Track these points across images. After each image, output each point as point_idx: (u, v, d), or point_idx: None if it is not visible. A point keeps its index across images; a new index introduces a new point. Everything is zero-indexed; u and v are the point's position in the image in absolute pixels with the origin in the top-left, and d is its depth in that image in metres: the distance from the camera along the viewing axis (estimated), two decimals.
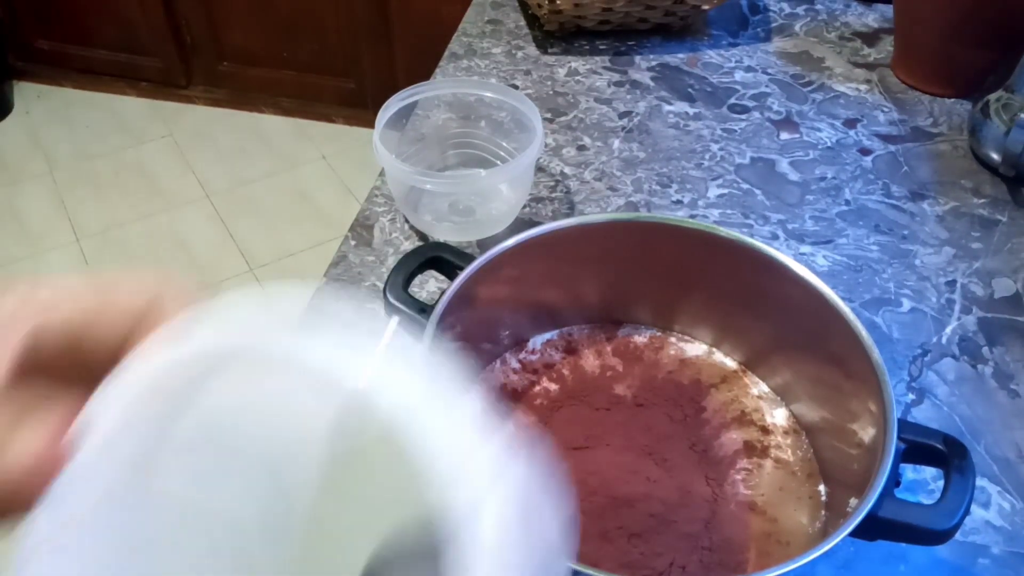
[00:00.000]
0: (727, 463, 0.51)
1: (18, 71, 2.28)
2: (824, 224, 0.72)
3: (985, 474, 0.54)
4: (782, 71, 0.90)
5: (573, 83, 0.87)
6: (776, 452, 0.52)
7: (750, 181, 0.76)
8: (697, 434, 0.52)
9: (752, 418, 0.54)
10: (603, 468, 0.50)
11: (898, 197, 0.75)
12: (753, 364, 0.56)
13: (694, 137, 0.81)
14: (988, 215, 0.74)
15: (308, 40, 2.05)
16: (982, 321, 0.64)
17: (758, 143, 0.80)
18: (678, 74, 0.89)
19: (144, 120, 2.23)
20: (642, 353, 0.57)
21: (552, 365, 0.56)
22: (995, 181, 0.77)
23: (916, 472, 0.54)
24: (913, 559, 0.50)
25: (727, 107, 0.85)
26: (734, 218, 0.72)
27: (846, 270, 0.68)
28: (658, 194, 0.74)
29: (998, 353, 0.62)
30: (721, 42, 0.94)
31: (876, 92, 0.87)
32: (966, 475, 0.42)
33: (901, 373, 0.60)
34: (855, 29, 0.97)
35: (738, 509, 0.49)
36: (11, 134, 2.19)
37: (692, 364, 0.57)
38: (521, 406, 0.53)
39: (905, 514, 0.40)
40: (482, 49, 0.91)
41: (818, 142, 0.81)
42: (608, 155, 0.78)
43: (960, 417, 0.58)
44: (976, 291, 0.67)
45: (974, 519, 0.52)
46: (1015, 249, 0.70)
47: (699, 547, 0.47)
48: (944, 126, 0.83)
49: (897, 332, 0.63)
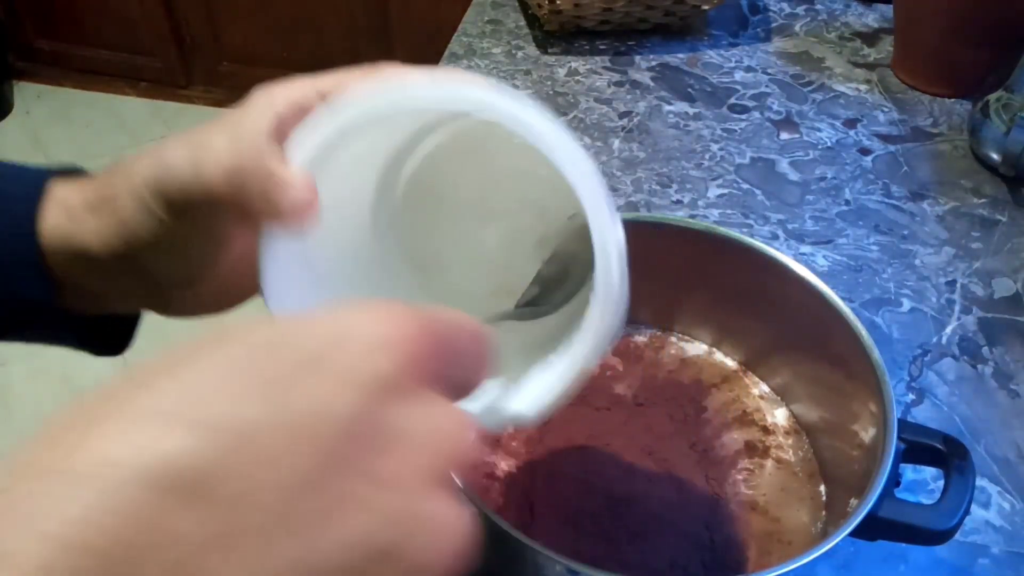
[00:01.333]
0: (728, 463, 0.51)
1: (18, 71, 2.28)
2: (824, 224, 0.72)
3: (985, 474, 0.54)
4: (782, 71, 0.90)
5: (573, 83, 0.87)
6: (777, 452, 0.52)
7: (750, 181, 0.76)
8: (698, 434, 0.52)
9: (753, 418, 0.54)
10: (603, 468, 0.50)
11: (898, 197, 0.75)
12: (753, 364, 0.56)
13: (694, 137, 0.81)
14: (988, 215, 0.74)
15: (308, 40, 2.05)
16: (982, 321, 0.64)
17: (758, 143, 0.80)
18: (678, 74, 0.89)
19: (144, 120, 2.23)
20: (642, 353, 0.57)
21: None
22: (995, 181, 0.77)
23: (916, 472, 0.54)
24: (913, 559, 0.50)
25: (727, 107, 0.85)
26: (734, 218, 0.72)
27: (846, 270, 0.68)
28: (658, 194, 0.74)
29: (998, 353, 0.62)
30: (721, 42, 0.94)
31: (876, 92, 0.87)
32: (966, 475, 0.42)
33: (901, 373, 0.60)
34: (855, 29, 0.97)
35: (739, 509, 0.49)
36: (11, 134, 2.19)
37: (693, 364, 0.57)
38: None
39: (905, 514, 0.40)
40: (482, 49, 0.91)
41: (818, 142, 0.81)
42: (608, 155, 0.78)
43: (960, 417, 0.58)
44: (976, 291, 0.67)
45: (974, 519, 0.52)
46: (1015, 249, 0.70)
47: (699, 547, 0.47)
48: (944, 126, 0.83)
49: (897, 332, 0.63)
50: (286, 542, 0.17)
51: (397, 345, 0.19)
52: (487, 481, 0.49)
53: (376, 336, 0.19)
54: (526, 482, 0.49)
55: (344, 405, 0.18)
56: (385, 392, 0.19)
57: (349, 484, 0.18)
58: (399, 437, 0.19)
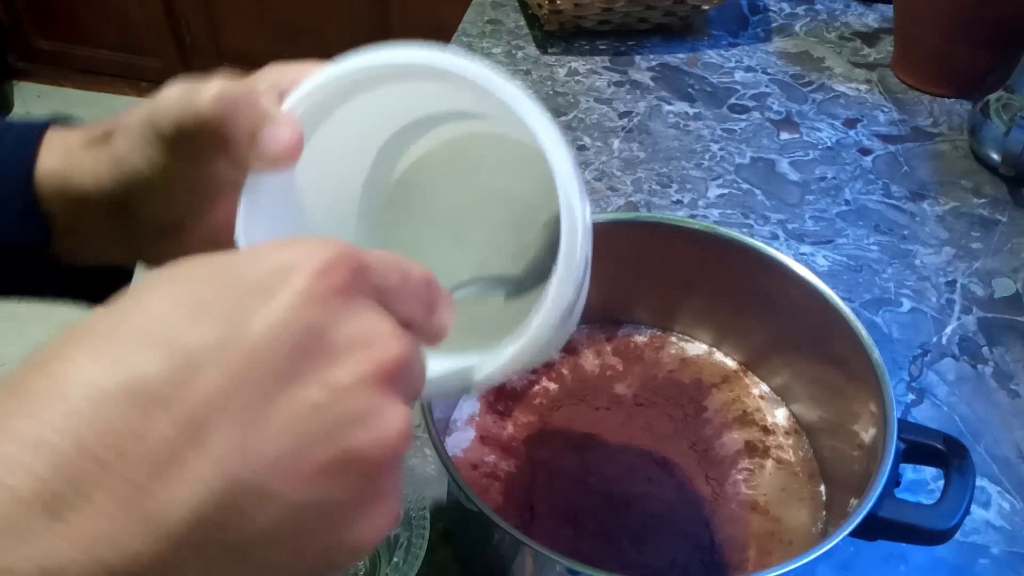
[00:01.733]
0: (728, 463, 0.51)
1: (18, 71, 2.28)
2: (824, 224, 0.72)
3: (985, 474, 0.54)
4: (782, 71, 0.90)
5: (573, 83, 0.87)
6: (777, 452, 0.52)
7: (750, 181, 0.76)
8: (698, 434, 0.52)
9: (754, 418, 0.54)
10: (603, 468, 0.50)
11: (898, 197, 0.75)
12: (753, 364, 0.56)
13: (694, 137, 0.81)
14: (988, 215, 0.74)
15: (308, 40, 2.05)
16: (982, 321, 0.64)
17: (758, 143, 0.80)
18: (678, 74, 0.89)
19: None
20: (642, 352, 0.57)
21: (551, 364, 0.56)
22: (995, 181, 0.77)
23: (916, 472, 0.54)
24: (913, 559, 0.50)
25: (727, 107, 0.85)
26: (734, 218, 0.72)
27: (846, 270, 0.68)
28: (658, 194, 0.74)
29: (998, 353, 0.62)
30: (721, 42, 0.94)
31: (876, 92, 0.87)
32: (966, 475, 0.42)
33: (901, 373, 0.60)
34: (855, 29, 0.97)
35: (739, 509, 0.49)
36: None
37: (693, 363, 0.57)
38: (520, 406, 0.53)
39: (905, 514, 0.40)
40: (482, 49, 0.91)
41: (818, 142, 0.81)
42: (608, 155, 0.78)
43: (960, 417, 0.58)
44: (976, 291, 0.67)
45: (974, 519, 0.52)
46: (1015, 249, 0.70)
47: (699, 547, 0.47)
48: (944, 126, 0.83)
49: (897, 332, 0.63)
50: (251, 435, 0.20)
51: (336, 267, 0.22)
52: (487, 481, 0.49)
53: (320, 260, 0.22)
54: (526, 482, 0.49)
55: (292, 322, 0.21)
56: (326, 310, 0.22)
57: (301, 390, 0.21)
58: (341, 348, 0.22)
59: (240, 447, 0.20)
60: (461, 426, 0.52)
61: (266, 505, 0.20)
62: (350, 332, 0.22)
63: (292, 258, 0.22)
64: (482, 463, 0.50)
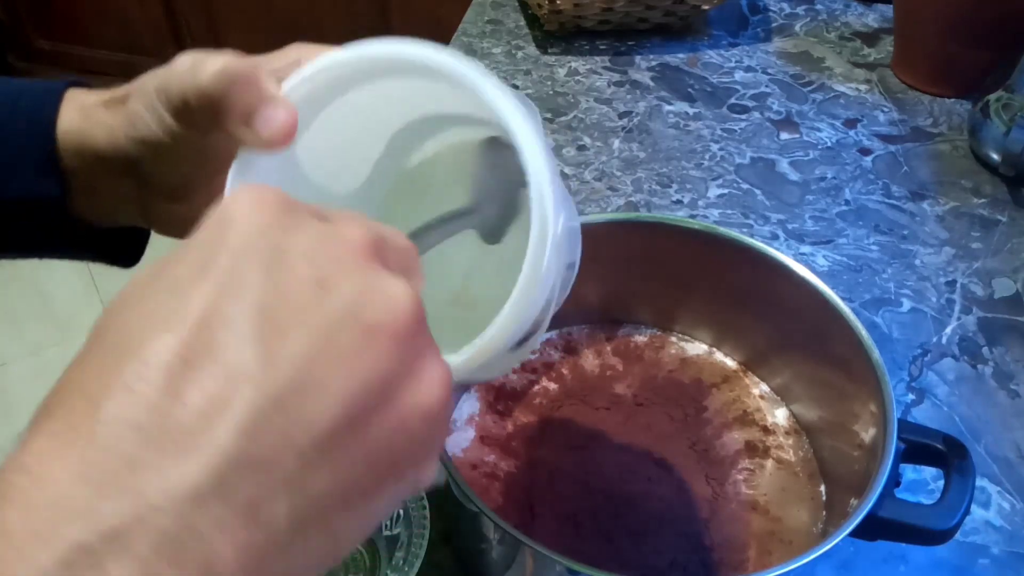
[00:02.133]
0: (728, 463, 0.51)
1: (18, 71, 2.28)
2: (824, 224, 0.72)
3: (985, 474, 0.54)
4: (782, 71, 0.90)
5: (573, 83, 0.87)
6: (778, 452, 0.52)
7: (750, 181, 0.76)
8: (698, 434, 0.52)
9: (754, 418, 0.54)
10: (603, 468, 0.50)
11: (898, 197, 0.75)
12: (753, 364, 0.56)
13: (694, 137, 0.81)
14: (988, 215, 0.74)
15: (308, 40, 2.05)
16: (982, 321, 0.64)
17: (758, 143, 0.80)
18: (678, 74, 0.89)
19: None
20: (642, 352, 0.57)
21: (551, 364, 0.56)
22: (995, 181, 0.77)
23: (916, 472, 0.54)
24: (913, 559, 0.50)
25: (727, 107, 0.85)
26: (734, 218, 0.72)
27: (846, 270, 0.68)
28: (658, 194, 0.74)
29: (998, 353, 0.62)
30: (721, 42, 0.94)
31: (876, 92, 0.87)
32: (966, 475, 0.42)
33: (901, 373, 0.60)
34: (855, 29, 0.97)
35: (739, 509, 0.49)
36: None
37: (693, 363, 0.57)
38: (520, 406, 0.53)
39: (905, 514, 0.40)
40: (482, 49, 0.91)
41: (818, 142, 0.81)
42: (608, 155, 0.78)
43: (960, 417, 0.58)
44: (976, 291, 0.67)
45: (974, 519, 0.52)
46: (1015, 249, 0.70)
47: (699, 547, 0.47)
48: (944, 126, 0.83)
49: (897, 332, 0.63)
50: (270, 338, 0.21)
51: (264, 197, 0.23)
52: (487, 481, 0.49)
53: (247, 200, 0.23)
54: (526, 482, 0.49)
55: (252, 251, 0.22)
56: (275, 231, 0.22)
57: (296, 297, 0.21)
58: (308, 250, 0.22)
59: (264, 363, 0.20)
60: (461, 426, 0.52)
61: (320, 404, 0.20)
62: (306, 240, 0.22)
63: (222, 214, 0.22)
64: (482, 463, 0.50)
